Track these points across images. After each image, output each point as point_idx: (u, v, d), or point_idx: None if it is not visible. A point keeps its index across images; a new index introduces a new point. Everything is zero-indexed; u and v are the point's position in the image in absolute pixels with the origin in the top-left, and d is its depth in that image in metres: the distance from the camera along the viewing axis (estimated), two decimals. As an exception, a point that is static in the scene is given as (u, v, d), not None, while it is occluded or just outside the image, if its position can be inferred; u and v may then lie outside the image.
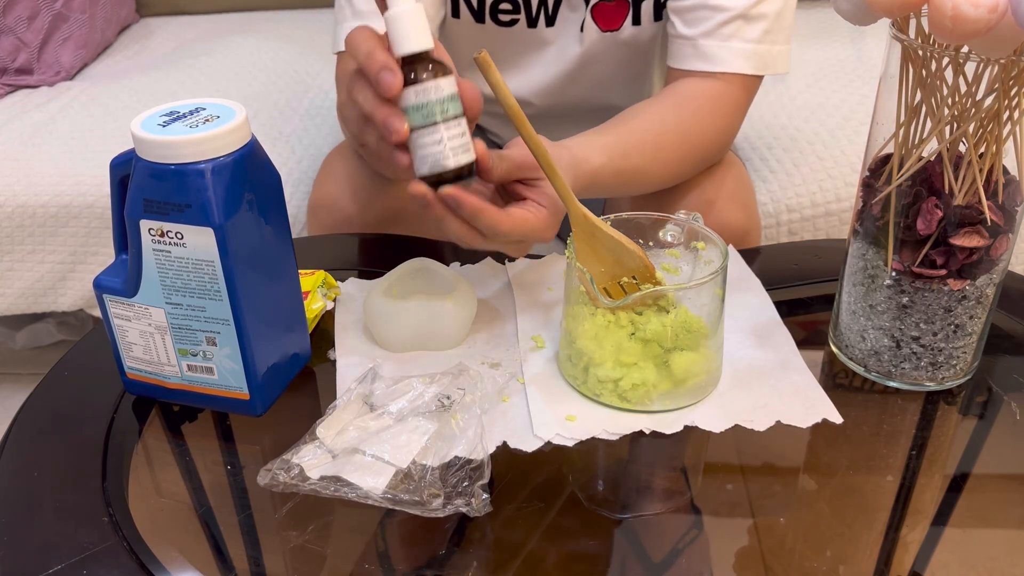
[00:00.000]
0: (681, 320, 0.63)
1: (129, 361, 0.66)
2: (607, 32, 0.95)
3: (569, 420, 0.64)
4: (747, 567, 0.54)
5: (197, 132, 0.57)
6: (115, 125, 1.44)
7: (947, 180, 0.60)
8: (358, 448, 0.60)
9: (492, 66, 0.61)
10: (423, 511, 0.56)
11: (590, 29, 0.96)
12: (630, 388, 0.63)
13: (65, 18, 1.65)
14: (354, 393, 0.65)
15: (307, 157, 1.38)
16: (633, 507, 0.59)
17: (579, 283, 0.64)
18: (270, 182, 0.62)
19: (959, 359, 0.66)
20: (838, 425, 0.64)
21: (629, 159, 0.78)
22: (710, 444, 0.63)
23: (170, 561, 0.55)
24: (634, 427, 0.64)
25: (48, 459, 0.63)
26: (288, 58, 1.70)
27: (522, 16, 0.96)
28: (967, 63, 0.57)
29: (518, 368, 0.70)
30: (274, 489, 0.59)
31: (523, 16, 0.96)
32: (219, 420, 0.66)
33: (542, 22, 0.96)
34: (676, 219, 0.68)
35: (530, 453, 0.62)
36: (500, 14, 0.96)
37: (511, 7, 0.96)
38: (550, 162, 0.63)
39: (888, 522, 0.57)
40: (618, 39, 0.96)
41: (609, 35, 0.96)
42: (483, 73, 0.61)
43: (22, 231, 1.32)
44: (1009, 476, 0.61)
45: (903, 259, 0.63)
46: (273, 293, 0.65)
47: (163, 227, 0.58)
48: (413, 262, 0.75)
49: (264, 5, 2.02)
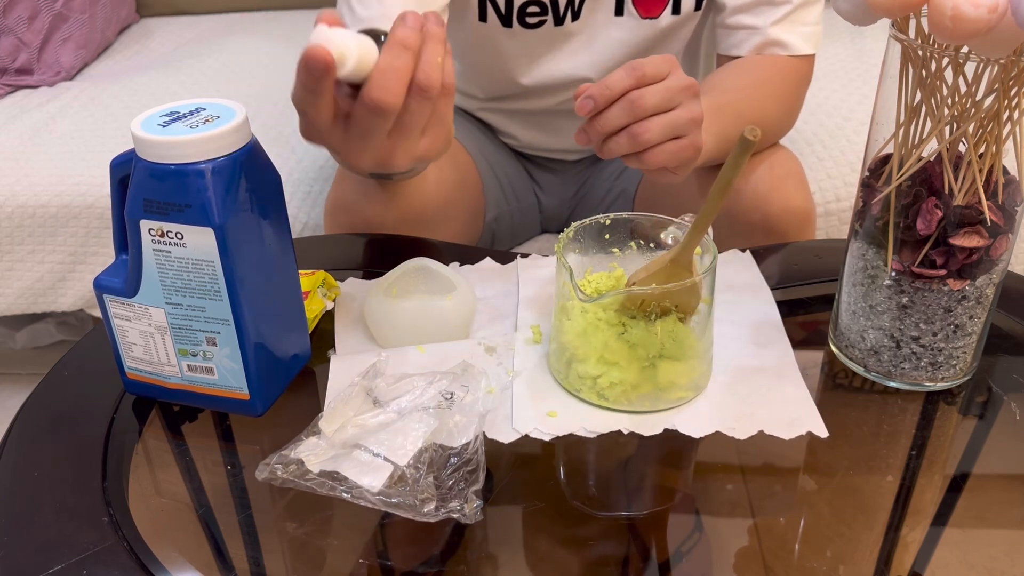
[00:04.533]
0: (669, 328, 0.63)
1: (129, 361, 0.66)
2: (646, 19, 0.98)
3: (550, 416, 0.65)
4: (747, 567, 0.54)
5: (197, 132, 0.57)
6: (115, 125, 1.44)
7: (947, 180, 0.60)
8: (358, 444, 0.60)
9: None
10: (415, 515, 0.56)
11: (629, 15, 0.98)
12: (607, 386, 0.63)
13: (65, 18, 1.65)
14: (357, 387, 0.65)
15: (307, 157, 1.38)
16: (632, 508, 0.59)
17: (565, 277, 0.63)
18: (270, 182, 0.62)
19: (959, 359, 0.66)
20: (838, 425, 0.64)
21: (729, 126, 0.82)
22: (709, 444, 0.63)
23: (170, 561, 0.55)
24: (613, 426, 0.64)
25: (48, 459, 0.63)
26: (288, 58, 1.70)
27: (549, 16, 0.97)
28: (967, 63, 0.57)
29: (511, 357, 0.70)
30: (272, 483, 0.59)
31: (550, 16, 0.97)
32: (219, 420, 0.66)
33: (568, 18, 0.98)
34: (677, 221, 0.68)
35: (529, 454, 0.62)
36: (528, 16, 0.97)
37: (538, 9, 0.96)
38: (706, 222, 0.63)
39: (888, 522, 0.57)
40: (657, 27, 0.99)
41: (648, 22, 0.98)
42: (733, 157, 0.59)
43: (22, 231, 1.32)
44: (1009, 476, 0.61)
45: (903, 259, 0.63)
46: (273, 293, 0.65)
47: (163, 227, 0.59)
48: (413, 262, 0.75)
49: (264, 5, 2.02)
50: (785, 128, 0.98)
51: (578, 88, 0.68)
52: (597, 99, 0.67)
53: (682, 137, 0.69)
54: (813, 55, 0.97)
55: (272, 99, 1.54)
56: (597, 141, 0.69)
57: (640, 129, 0.67)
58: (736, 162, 0.58)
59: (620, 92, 0.66)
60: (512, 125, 1.14)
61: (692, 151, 0.70)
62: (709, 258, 0.64)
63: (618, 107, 0.67)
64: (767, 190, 0.91)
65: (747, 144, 0.57)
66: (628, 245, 0.70)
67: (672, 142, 0.68)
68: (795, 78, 0.96)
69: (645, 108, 0.66)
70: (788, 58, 0.95)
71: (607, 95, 0.66)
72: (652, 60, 0.67)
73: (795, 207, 0.91)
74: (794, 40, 0.94)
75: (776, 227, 0.91)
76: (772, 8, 0.93)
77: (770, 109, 0.93)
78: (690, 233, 0.63)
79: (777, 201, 0.91)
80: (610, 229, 0.69)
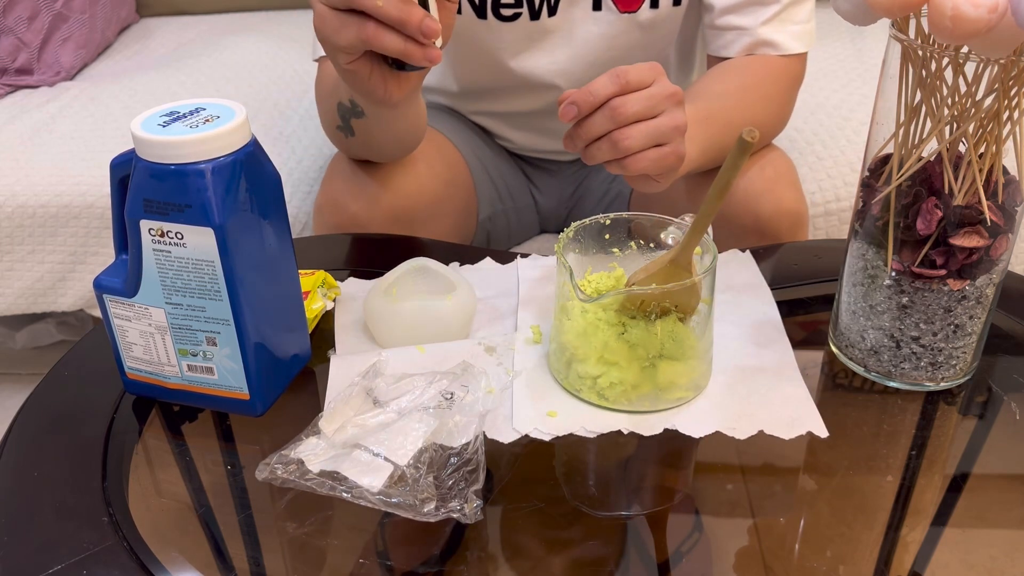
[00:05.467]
0: (669, 328, 0.63)
1: (129, 361, 0.66)
2: (625, 13, 0.97)
3: (550, 415, 0.65)
4: (747, 567, 0.54)
5: (197, 132, 0.57)
6: (115, 125, 1.44)
7: (947, 180, 0.60)
8: (358, 444, 0.60)
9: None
10: (415, 515, 0.56)
11: (608, 9, 0.97)
12: (607, 386, 0.63)
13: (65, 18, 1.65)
14: (357, 387, 0.65)
15: (307, 157, 1.38)
16: (632, 508, 0.59)
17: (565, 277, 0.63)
18: (270, 182, 0.62)
19: (959, 359, 0.66)
20: (838, 425, 0.64)
21: (718, 135, 0.82)
22: (709, 444, 0.63)
23: (170, 561, 0.55)
24: (613, 426, 0.64)
25: (48, 459, 0.63)
26: (288, 58, 1.70)
27: (524, 10, 0.97)
28: (967, 63, 0.57)
29: (511, 357, 0.70)
30: (272, 483, 0.59)
31: (526, 9, 0.97)
32: (219, 420, 0.66)
33: (544, 13, 0.97)
34: (677, 221, 0.68)
35: (529, 454, 0.62)
36: (502, 8, 0.96)
37: (512, 1, 0.96)
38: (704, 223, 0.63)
39: (888, 522, 0.57)
40: (636, 21, 0.98)
41: (627, 16, 0.97)
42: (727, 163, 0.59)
43: (22, 231, 1.32)
44: (1009, 476, 0.61)
45: (903, 259, 0.63)
46: (273, 293, 0.65)
47: (163, 227, 0.59)
48: (413, 262, 0.75)
49: (264, 5, 2.02)
50: (777, 129, 0.98)
51: (562, 94, 0.68)
52: (580, 105, 0.67)
53: (664, 145, 0.69)
54: (805, 54, 0.96)
55: (272, 99, 1.54)
56: (581, 147, 0.69)
57: (621, 136, 0.67)
58: (735, 163, 0.58)
59: (603, 99, 0.67)
60: (505, 128, 1.14)
61: (674, 159, 0.70)
62: (709, 258, 0.64)
63: (600, 114, 0.67)
64: (759, 192, 0.91)
65: (745, 145, 0.57)
66: (628, 245, 0.70)
67: (653, 149, 0.69)
68: (786, 78, 0.95)
69: (627, 115, 0.67)
70: (779, 58, 0.94)
71: (590, 101, 0.67)
72: (637, 68, 0.68)
73: (787, 209, 0.91)
74: (785, 39, 0.94)
75: (768, 229, 0.91)
76: (761, 8, 0.93)
77: (760, 113, 0.92)
78: (689, 234, 0.63)
79: (769, 203, 0.91)
80: (610, 229, 0.69)
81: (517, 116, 1.11)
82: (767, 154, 0.95)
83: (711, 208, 0.61)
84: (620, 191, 1.15)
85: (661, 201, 1.03)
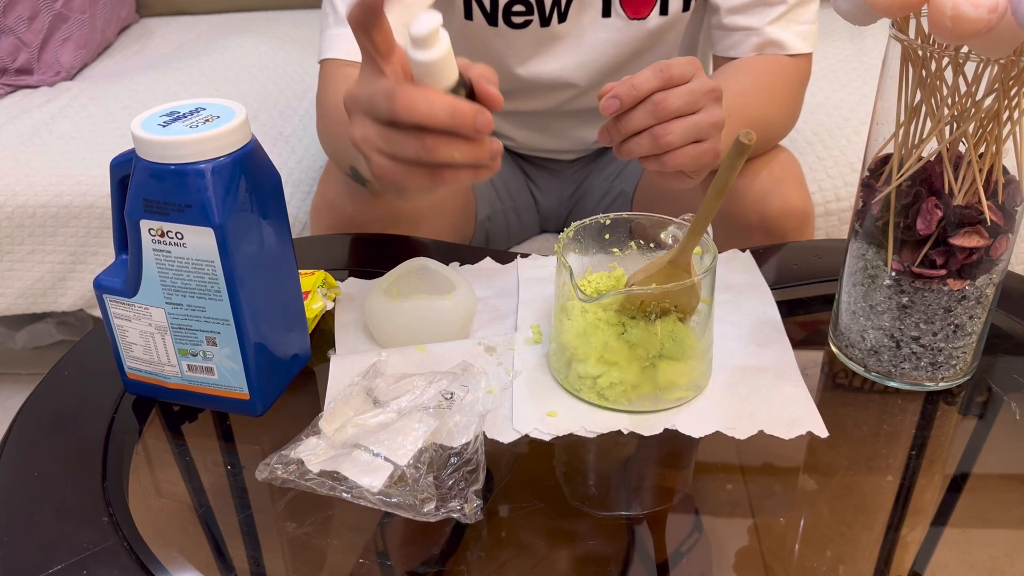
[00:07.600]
0: (668, 328, 0.63)
1: (129, 361, 0.66)
2: (634, 20, 0.98)
3: (550, 415, 0.65)
4: (747, 567, 0.54)
5: (197, 132, 0.57)
6: (115, 125, 1.44)
7: (947, 180, 0.60)
8: (358, 444, 0.60)
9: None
10: (415, 515, 0.56)
11: (617, 16, 0.97)
12: (608, 386, 0.63)
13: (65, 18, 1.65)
14: (357, 387, 0.65)
15: (307, 157, 1.38)
16: (632, 508, 0.59)
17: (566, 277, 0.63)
18: (270, 182, 0.62)
19: (959, 359, 0.66)
20: (838, 425, 0.64)
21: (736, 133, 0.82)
22: (709, 444, 0.63)
23: (170, 561, 0.55)
24: (613, 426, 0.64)
25: (48, 459, 0.63)
26: (288, 58, 1.70)
27: (535, 17, 0.97)
28: (967, 63, 0.57)
29: (511, 357, 0.70)
30: (272, 483, 0.59)
31: (536, 16, 0.97)
32: (219, 420, 0.66)
33: (555, 20, 0.98)
34: (677, 221, 0.68)
35: (529, 454, 0.62)
36: (513, 16, 0.97)
37: (524, 8, 0.96)
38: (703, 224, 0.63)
39: (888, 522, 0.57)
40: (645, 27, 0.98)
41: (636, 23, 0.98)
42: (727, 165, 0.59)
43: (22, 231, 1.32)
44: (1009, 476, 0.61)
45: (903, 259, 0.63)
46: (273, 293, 0.65)
47: (163, 227, 0.59)
48: (413, 262, 0.75)
49: (264, 5, 2.02)
50: (787, 129, 0.98)
51: (603, 87, 0.67)
52: (623, 99, 0.66)
53: (702, 141, 0.69)
54: (811, 54, 0.97)
55: (272, 99, 1.54)
56: (618, 141, 0.69)
57: (663, 131, 0.66)
58: (732, 165, 0.58)
59: (646, 93, 0.66)
60: (508, 127, 1.14)
61: (711, 155, 0.70)
62: (709, 258, 0.64)
63: (643, 108, 0.66)
64: (766, 191, 0.91)
65: (742, 148, 0.57)
66: (628, 245, 0.70)
67: (692, 146, 0.68)
68: (795, 78, 0.96)
69: (669, 111, 0.66)
70: (786, 58, 0.95)
71: (633, 95, 0.66)
72: (679, 62, 0.67)
73: (793, 208, 0.92)
74: (791, 39, 0.94)
75: (775, 228, 0.91)
76: (768, 8, 0.93)
77: (772, 111, 0.93)
78: (688, 234, 0.63)
79: (775, 202, 0.91)
80: (610, 229, 0.69)
81: (522, 115, 1.12)
82: (774, 154, 0.95)
83: (709, 210, 0.61)
84: (621, 190, 1.15)
85: (666, 200, 1.03)
